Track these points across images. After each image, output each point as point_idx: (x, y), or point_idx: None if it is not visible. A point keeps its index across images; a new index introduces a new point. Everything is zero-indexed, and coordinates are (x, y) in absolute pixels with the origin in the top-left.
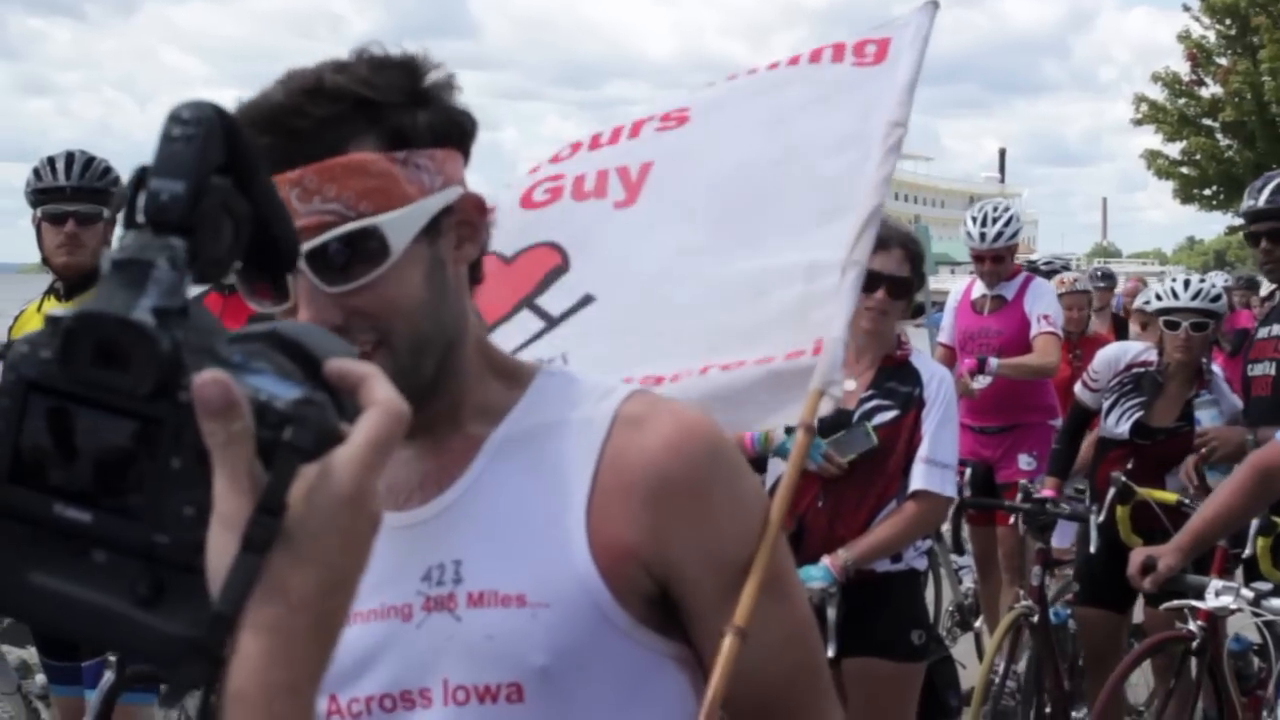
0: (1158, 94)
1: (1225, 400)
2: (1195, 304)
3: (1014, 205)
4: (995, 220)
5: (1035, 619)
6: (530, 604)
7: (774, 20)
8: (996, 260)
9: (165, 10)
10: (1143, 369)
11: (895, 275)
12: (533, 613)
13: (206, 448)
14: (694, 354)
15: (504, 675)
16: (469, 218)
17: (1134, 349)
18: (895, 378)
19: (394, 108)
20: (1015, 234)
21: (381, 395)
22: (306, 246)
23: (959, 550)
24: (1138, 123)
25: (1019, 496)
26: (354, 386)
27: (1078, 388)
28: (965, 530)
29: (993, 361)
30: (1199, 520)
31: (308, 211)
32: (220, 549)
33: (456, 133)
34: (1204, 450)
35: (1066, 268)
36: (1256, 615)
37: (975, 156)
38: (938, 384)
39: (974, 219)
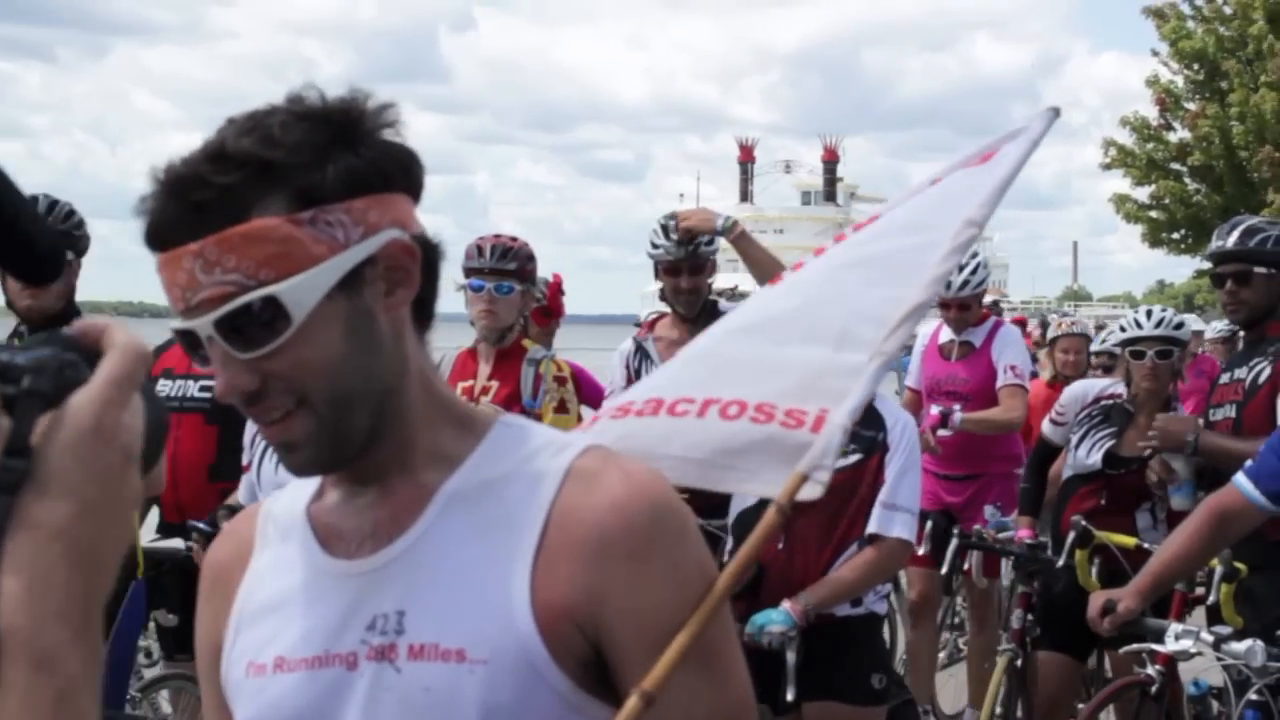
0: (1126, 138)
1: None
2: (1159, 332)
3: (985, 249)
4: (962, 268)
5: (1019, 662)
6: (469, 660)
7: (745, 64)
8: (963, 308)
9: (136, 53)
10: (1111, 401)
11: None
12: (470, 668)
13: None
14: (700, 382)
15: None
16: (398, 263)
17: (1101, 383)
18: (858, 421)
19: (300, 167)
20: (982, 281)
21: (119, 338)
22: (210, 317)
23: (948, 591)
24: (1106, 167)
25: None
26: (96, 339)
27: (1045, 424)
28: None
29: (956, 416)
30: (1157, 563)
31: (210, 283)
32: None
33: (386, 176)
34: (1149, 435)
35: (1044, 322)
36: (1219, 659)
37: None
38: (901, 429)
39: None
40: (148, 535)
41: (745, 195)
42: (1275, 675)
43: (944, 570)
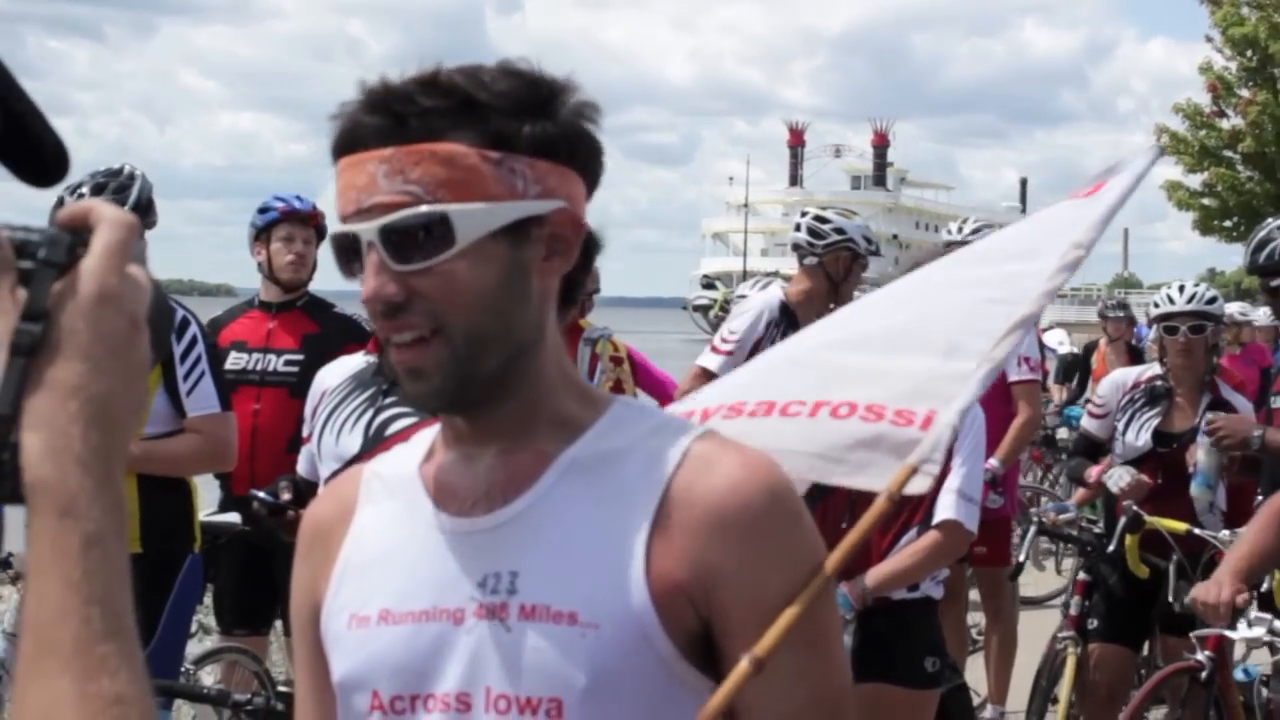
0: (1178, 125)
1: (1236, 401)
2: (1191, 307)
3: None
4: (972, 223)
5: (1078, 650)
6: (581, 623)
7: (792, 48)
8: None
9: (184, 32)
10: (1150, 384)
11: None
12: (582, 631)
13: None
14: (810, 387)
15: (546, 690)
16: (563, 232)
17: (1138, 370)
18: None
19: (500, 112)
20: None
21: (107, 213)
22: (378, 222)
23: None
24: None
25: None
26: (84, 218)
27: (1083, 419)
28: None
29: (993, 463)
30: (1247, 552)
31: (389, 189)
32: None
33: (573, 154)
34: (1214, 437)
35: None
36: None
37: (994, 185)
38: (970, 418)
39: (954, 229)
40: (205, 509)
41: (795, 179)
42: None
43: (1023, 559)
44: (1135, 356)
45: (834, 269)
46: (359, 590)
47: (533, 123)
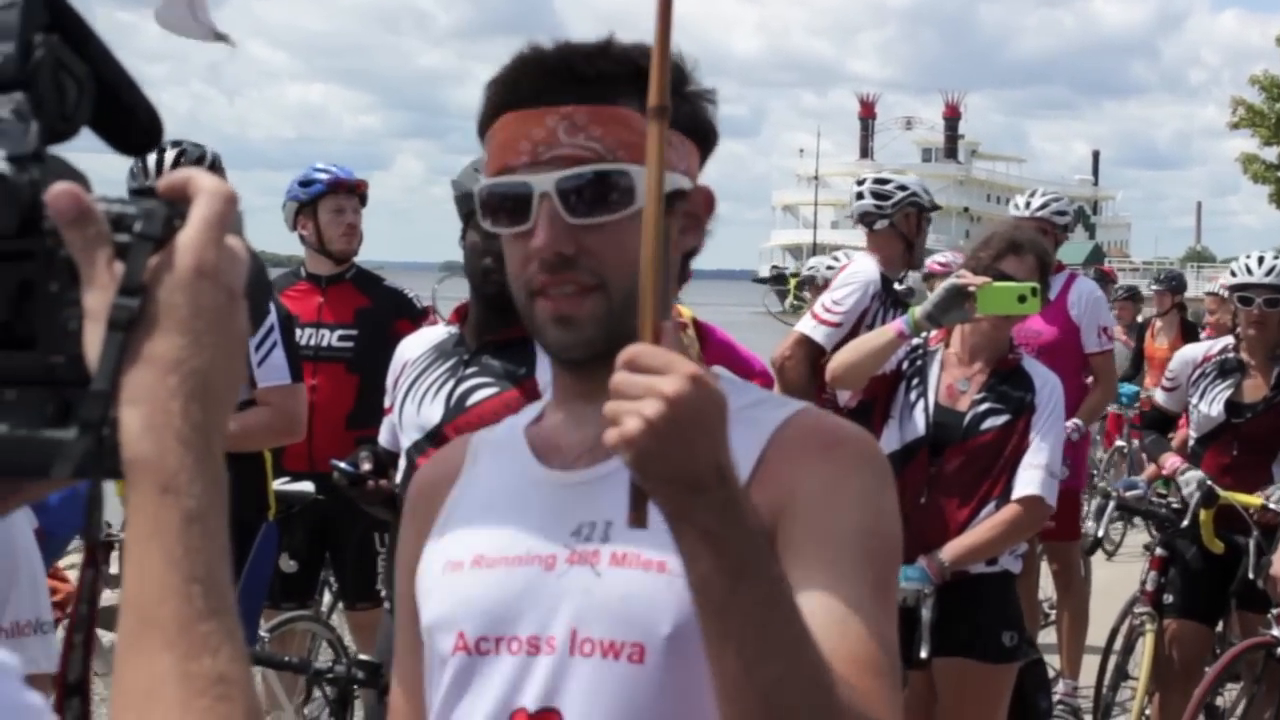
0: (1254, 97)
1: None
2: (1269, 279)
3: (1108, 208)
4: (1056, 199)
5: (1155, 625)
6: (669, 572)
7: (861, 20)
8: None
9: (251, 4)
10: (1222, 356)
11: (1028, 280)
12: (669, 580)
13: (75, 261)
14: None
15: (631, 634)
16: (699, 210)
17: (1208, 344)
18: (1008, 382)
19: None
20: (1066, 215)
21: (206, 183)
22: (558, 174)
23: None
24: (1234, 126)
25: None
26: (182, 188)
27: (1157, 393)
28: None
29: (1078, 422)
30: None
31: (570, 144)
32: (94, 342)
33: (700, 135)
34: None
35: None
36: None
37: (1064, 158)
38: (1050, 391)
39: (1021, 203)
40: (278, 478)
41: (865, 151)
42: None
43: (1101, 533)
44: (1188, 329)
45: (905, 228)
46: (455, 539)
47: (685, 101)
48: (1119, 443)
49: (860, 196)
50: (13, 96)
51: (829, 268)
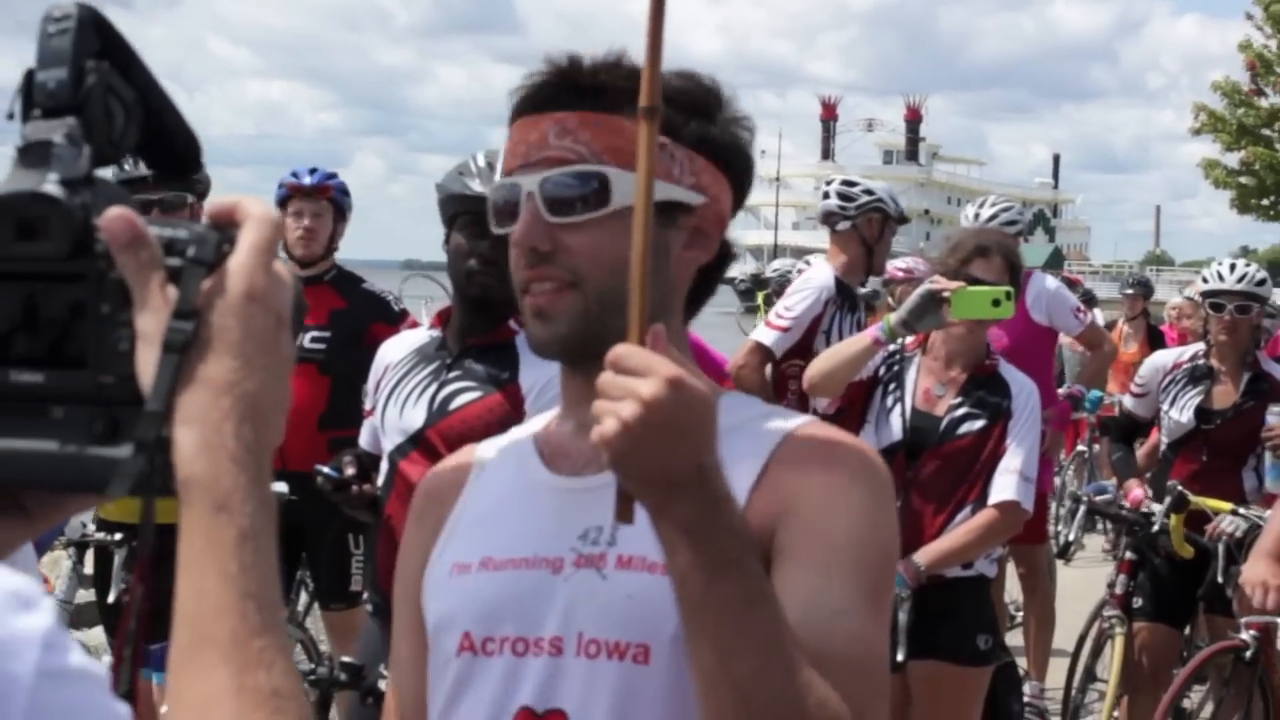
0: (1216, 103)
1: (1278, 373)
2: (1240, 286)
3: (1068, 211)
4: (1005, 208)
5: (1124, 628)
6: None
7: (822, 21)
8: None
9: (211, 1)
10: (1192, 364)
11: (996, 284)
12: None
13: (128, 284)
14: None
15: (636, 635)
16: (706, 225)
17: (1179, 350)
18: (985, 387)
19: (671, 104)
20: (1015, 225)
21: (255, 210)
22: (541, 174)
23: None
24: (1196, 132)
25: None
26: (231, 213)
27: (1125, 399)
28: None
29: (1080, 387)
30: (1276, 538)
31: (557, 146)
32: (148, 363)
33: (728, 161)
34: (1271, 445)
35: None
36: None
37: (1024, 161)
38: (1026, 396)
39: (970, 214)
40: None
41: (827, 153)
42: None
43: (1072, 537)
44: (1153, 334)
45: (868, 232)
46: (464, 542)
47: (698, 121)
48: (1080, 448)
49: (826, 196)
50: (65, 121)
51: (799, 271)
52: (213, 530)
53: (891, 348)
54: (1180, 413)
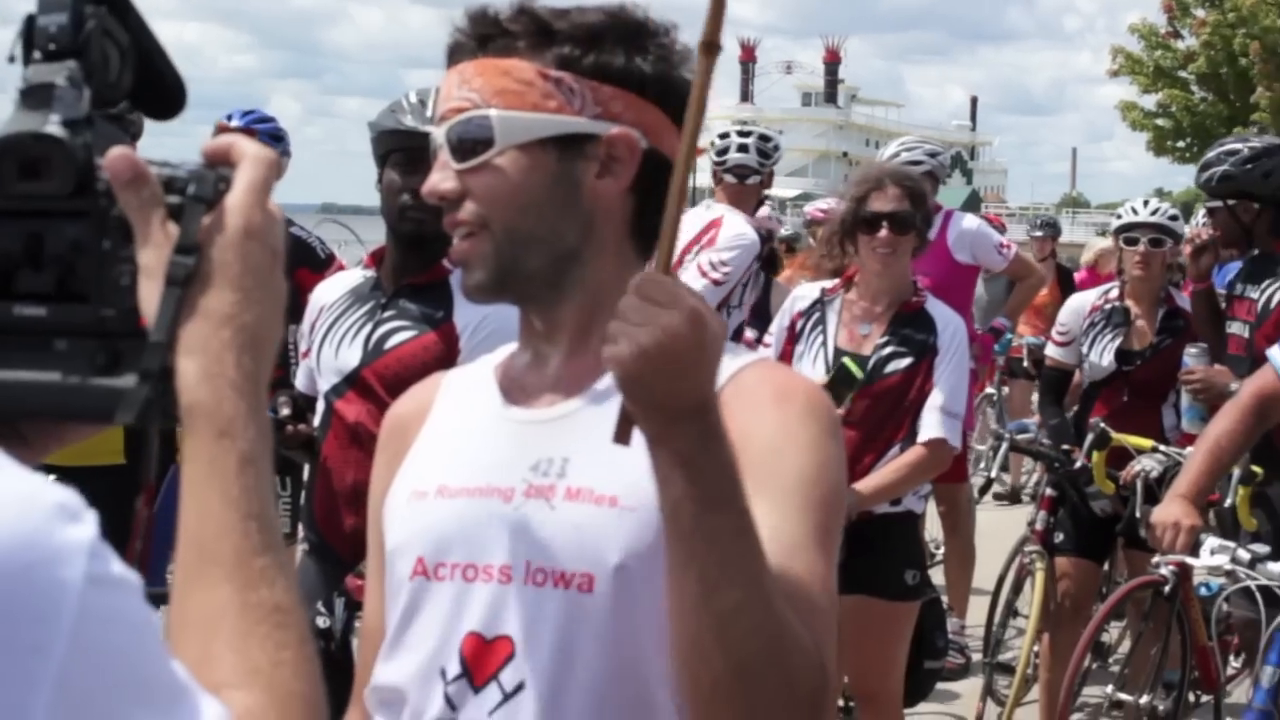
0: (1133, 46)
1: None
2: (1154, 219)
3: (985, 153)
4: (909, 149)
5: (1045, 564)
6: (620, 506)
7: None
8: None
9: None
10: (1108, 305)
11: (895, 211)
12: (619, 514)
13: (129, 221)
14: None
15: (581, 565)
16: (617, 153)
17: (1094, 291)
18: (910, 324)
19: (572, 40)
20: (921, 165)
21: (249, 149)
22: (444, 126)
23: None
24: (1114, 74)
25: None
26: (226, 153)
27: (1049, 349)
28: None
29: (1003, 320)
30: (1202, 461)
31: (458, 96)
32: (150, 297)
33: (646, 85)
34: (1190, 390)
35: (1054, 224)
36: (1251, 579)
37: (942, 104)
38: (952, 333)
39: (883, 157)
40: None
41: (746, 95)
42: None
43: (994, 474)
44: (1064, 275)
45: (766, 185)
46: (421, 470)
47: (601, 52)
48: (988, 390)
49: (744, 150)
50: (66, 64)
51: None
52: (216, 455)
53: (814, 293)
54: (1101, 356)
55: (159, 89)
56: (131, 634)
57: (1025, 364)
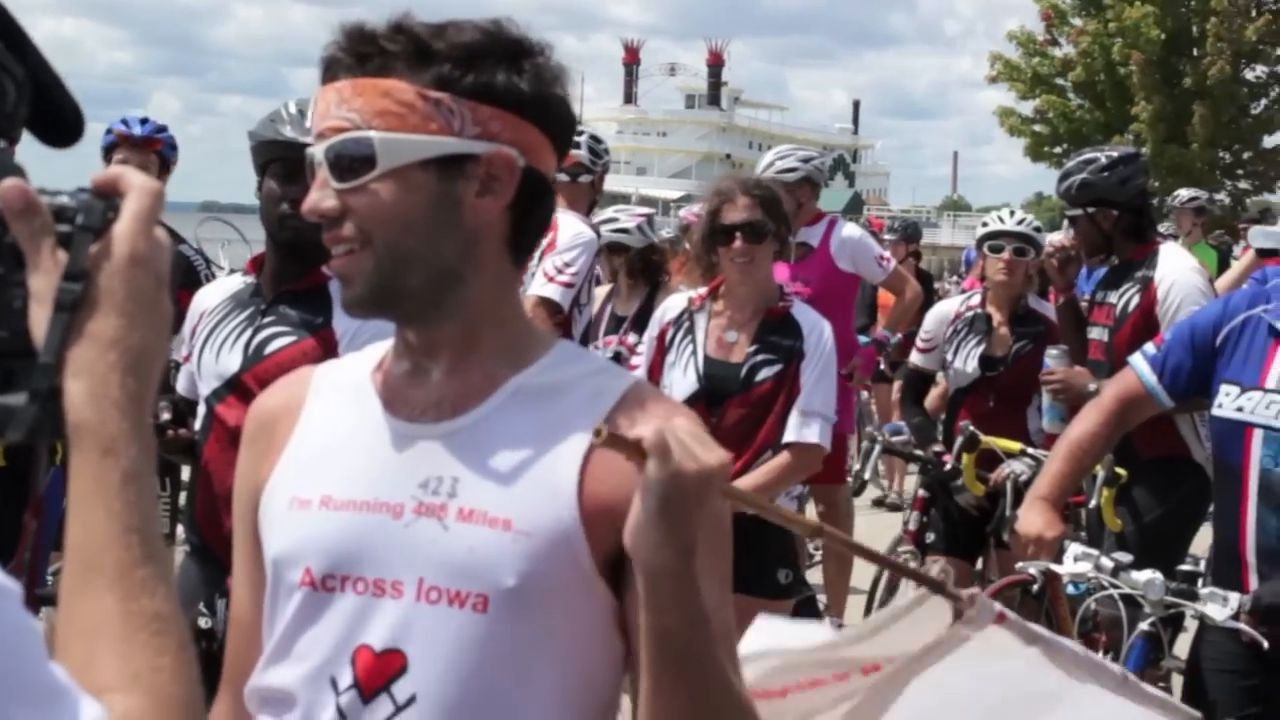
0: (1011, 52)
1: (1044, 309)
2: (1019, 229)
3: (867, 156)
4: (782, 157)
5: (918, 563)
6: (514, 530)
7: None
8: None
9: None
10: (970, 312)
11: (747, 221)
12: (514, 537)
13: (20, 249)
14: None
15: (475, 585)
16: (496, 172)
17: (957, 299)
18: (777, 331)
19: (450, 60)
20: (795, 172)
21: (136, 180)
22: (325, 144)
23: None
24: (992, 80)
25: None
26: (114, 184)
27: (912, 355)
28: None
29: (884, 333)
30: (1061, 464)
31: (336, 116)
32: (40, 322)
33: (524, 106)
34: (1050, 391)
35: (912, 228)
36: (1114, 587)
37: (825, 106)
38: (817, 336)
39: (766, 162)
40: None
41: (629, 97)
42: (1170, 609)
43: (867, 476)
44: (923, 278)
45: (598, 185)
46: (301, 475)
47: (480, 73)
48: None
49: (576, 145)
50: None
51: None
52: (100, 471)
53: (682, 303)
54: (965, 363)
55: (56, 119)
56: (10, 637)
57: (882, 366)
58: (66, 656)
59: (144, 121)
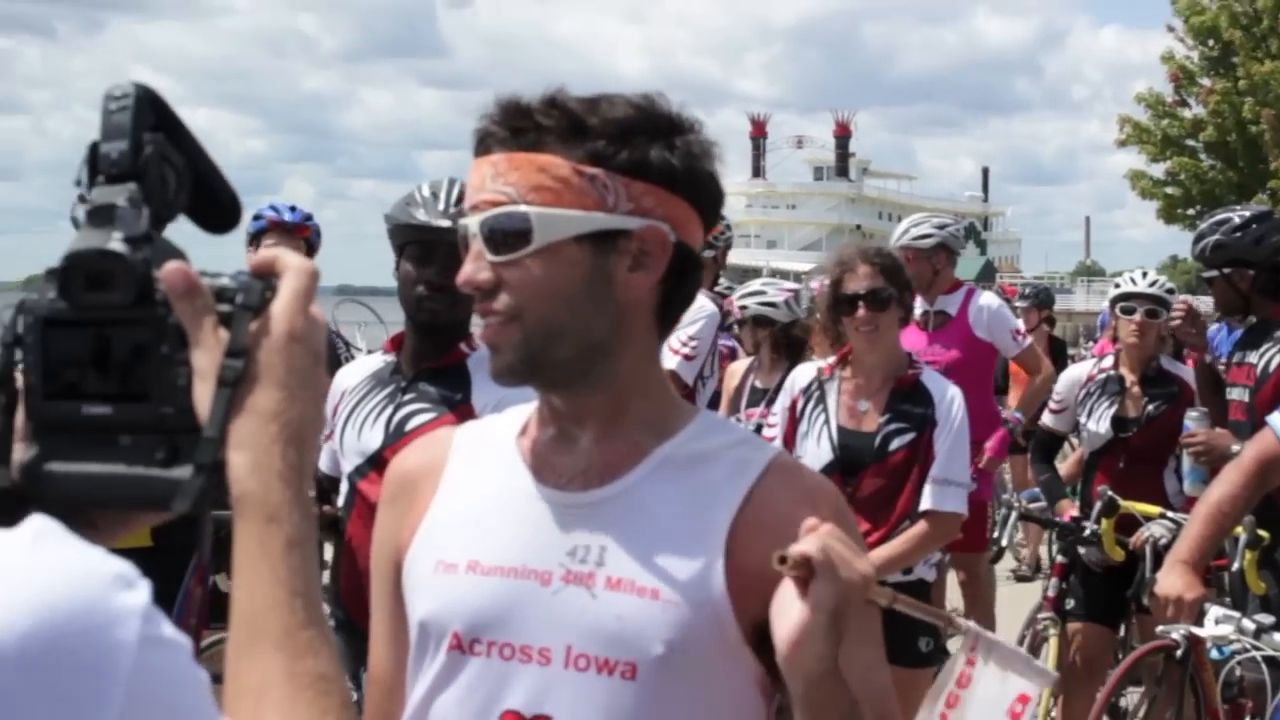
0: (1140, 114)
1: (1178, 370)
2: (1151, 290)
3: (998, 224)
4: (917, 224)
5: (1058, 630)
6: (662, 599)
7: (746, 39)
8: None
9: (133, 29)
10: (1103, 374)
11: (870, 289)
12: (663, 607)
13: (184, 328)
14: None
15: (624, 654)
16: (649, 248)
17: (1091, 363)
18: (908, 400)
19: (604, 136)
20: (930, 239)
21: (292, 261)
22: (480, 216)
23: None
24: (1122, 143)
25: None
26: (270, 265)
27: (1045, 415)
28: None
29: (1016, 414)
30: (1201, 527)
31: (492, 189)
32: (204, 397)
33: (675, 181)
34: (1192, 453)
35: (1045, 294)
36: (1256, 649)
37: (954, 174)
38: (949, 403)
39: (900, 230)
40: None
41: (757, 171)
42: None
43: (1005, 543)
44: (1055, 345)
45: (721, 262)
46: (447, 539)
47: (634, 149)
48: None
49: None
50: (127, 186)
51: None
52: (264, 538)
53: (811, 373)
54: (1098, 424)
55: (213, 206)
56: (182, 689)
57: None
58: (234, 714)
59: (293, 209)
